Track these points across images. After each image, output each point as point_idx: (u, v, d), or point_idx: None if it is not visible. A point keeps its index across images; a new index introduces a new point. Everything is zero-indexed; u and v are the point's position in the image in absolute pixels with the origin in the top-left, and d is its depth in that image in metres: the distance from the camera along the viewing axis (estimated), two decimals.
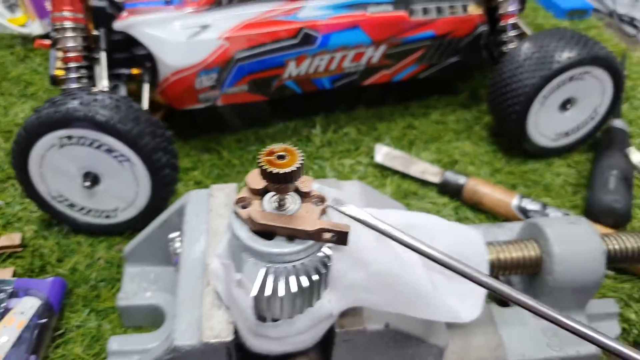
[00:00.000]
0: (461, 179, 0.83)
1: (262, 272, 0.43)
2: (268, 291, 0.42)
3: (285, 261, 0.43)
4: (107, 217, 0.75)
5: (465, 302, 0.50)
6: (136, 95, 0.80)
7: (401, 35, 0.86)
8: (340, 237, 0.42)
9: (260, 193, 0.45)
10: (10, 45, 1.16)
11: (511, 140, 0.91)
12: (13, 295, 0.64)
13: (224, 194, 0.61)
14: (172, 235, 0.61)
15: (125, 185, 0.72)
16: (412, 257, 0.50)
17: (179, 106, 0.84)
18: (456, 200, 0.84)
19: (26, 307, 0.63)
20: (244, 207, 0.44)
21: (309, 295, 0.45)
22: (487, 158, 0.92)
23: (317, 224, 0.42)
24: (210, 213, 0.59)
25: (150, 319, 0.66)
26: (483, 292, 0.51)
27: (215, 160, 0.90)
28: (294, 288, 0.43)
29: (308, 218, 0.43)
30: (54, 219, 0.77)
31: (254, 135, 0.95)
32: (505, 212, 0.79)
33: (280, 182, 0.40)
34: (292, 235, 0.43)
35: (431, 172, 0.85)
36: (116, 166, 0.70)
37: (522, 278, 0.65)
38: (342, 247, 0.44)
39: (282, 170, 0.40)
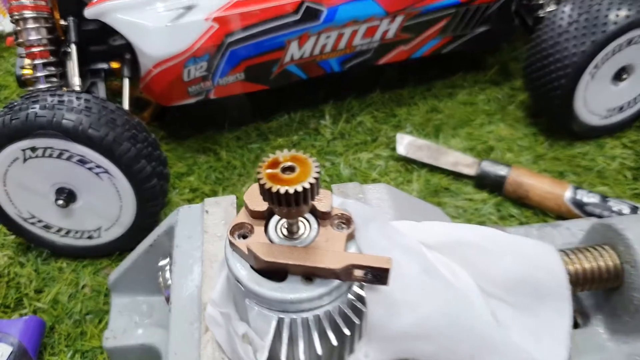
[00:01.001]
0: (502, 170, 0.74)
1: (273, 325, 0.32)
2: (283, 353, 0.32)
3: (303, 309, 0.32)
4: (90, 237, 0.69)
5: (542, 341, 0.39)
6: (120, 93, 0.74)
7: (420, 3, 0.78)
8: (379, 275, 0.31)
9: (264, 216, 0.34)
10: None
11: (554, 120, 0.83)
12: None
13: (221, 209, 0.52)
14: (161, 263, 0.52)
15: (107, 201, 0.65)
16: (466, 280, 0.40)
17: (166, 103, 0.77)
18: (497, 195, 0.76)
19: None
20: (243, 237, 0.33)
21: (338, 352, 0.34)
22: (527, 142, 0.84)
23: (344, 259, 0.32)
24: (205, 235, 0.50)
25: None
26: (568, 325, 0.40)
27: (213, 162, 0.83)
28: (318, 348, 0.32)
29: (331, 249, 0.32)
30: (29, 242, 0.71)
31: (256, 131, 0.88)
32: (556, 206, 0.70)
33: (289, 205, 0.29)
34: (311, 273, 0.32)
35: (465, 163, 0.77)
36: (93, 179, 0.63)
37: (593, 293, 0.54)
38: (380, 286, 0.33)
39: (291, 189, 0.29)
